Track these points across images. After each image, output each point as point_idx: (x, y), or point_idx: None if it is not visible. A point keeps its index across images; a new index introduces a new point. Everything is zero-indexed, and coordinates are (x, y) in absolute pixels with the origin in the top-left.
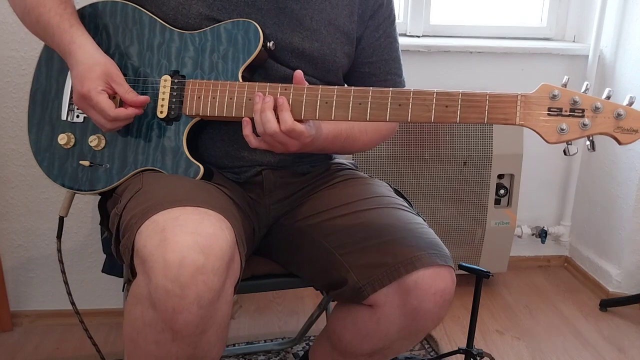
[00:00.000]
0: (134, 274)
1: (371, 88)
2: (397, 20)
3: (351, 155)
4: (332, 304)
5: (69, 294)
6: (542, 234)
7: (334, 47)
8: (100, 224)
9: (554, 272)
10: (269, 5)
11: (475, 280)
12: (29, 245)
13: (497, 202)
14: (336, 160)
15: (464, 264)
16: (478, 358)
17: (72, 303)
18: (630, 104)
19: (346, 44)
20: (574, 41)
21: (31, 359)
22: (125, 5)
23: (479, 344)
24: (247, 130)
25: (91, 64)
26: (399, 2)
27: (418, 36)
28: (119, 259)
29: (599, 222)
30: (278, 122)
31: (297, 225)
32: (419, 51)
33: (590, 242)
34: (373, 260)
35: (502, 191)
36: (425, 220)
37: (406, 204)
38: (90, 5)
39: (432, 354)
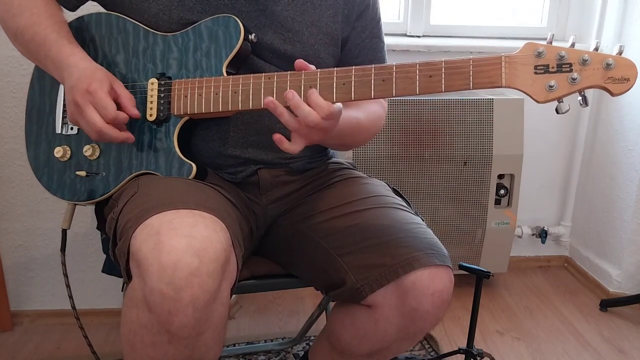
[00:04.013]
0: (129, 277)
1: (353, 67)
2: (397, 21)
3: (350, 155)
4: (332, 304)
5: (71, 297)
6: (543, 235)
7: (317, 48)
8: (97, 228)
9: (554, 272)
10: (249, 8)
11: (475, 281)
12: (29, 245)
13: (498, 202)
14: (334, 160)
15: (464, 264)
16: (478, 358)
17: (73, 307)
18: (620, 53)
19: (330, 45)
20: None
21: (31, 358)
22: (109, 16)
23: (479, 344)
24: (285, 145)
25: (95, 68)
26: (399, 2)
27: (418, 36)
28: (116, 262)
29: (599, 223)
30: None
31: (295, 225)
32: (419, 51)
33: (590, 242)
34: (371, 261)
35: (502, 191)
36: (424, 220)
37: (404, 204)
38: (77, 19)
39: (432, 354)
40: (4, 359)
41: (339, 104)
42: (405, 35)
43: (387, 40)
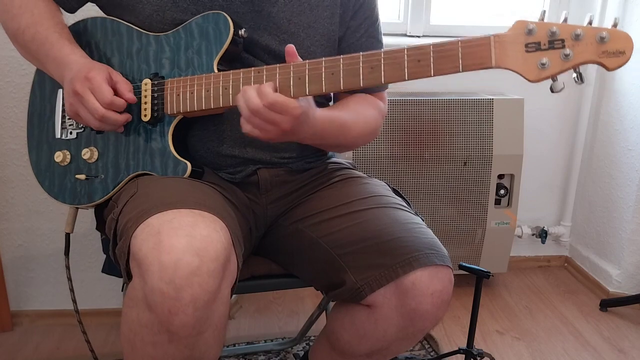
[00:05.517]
0: (130, 277)
1: (341, 56)
2: (397, 21)
3: (350, 155)
4: (332, 304)
5: (74, 301)
6: (542, 234)
7: (313, 49)
8: (97, 229)
9: (554, 272)
10: (245, 9)
11: (475, 281)
12: (29, 245)
13: (498, 202)
14: (334, 160)
15: (464, 264)
16: (478, 358)
17: (77, 311)
18: (615, 25)
19: (327, 47)
20: None
21: (31, 359)
22: (104, 20)
23: (479, 344)
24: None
25: (93, 61)
26: (399, 2)
27: (418, 36)
28: (116, 263)
29: (599, 222)
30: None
31: (295, 225)
32: None
33: (590, 242)
34: (371, 261)
35: (502, 191)
36: (423, 220)
37: (404, 204)
38: (73, 24)
39: (432, 354)
40: (4, 359)
41: (306, 103)
42: (405, 35)
43: (387, 40)
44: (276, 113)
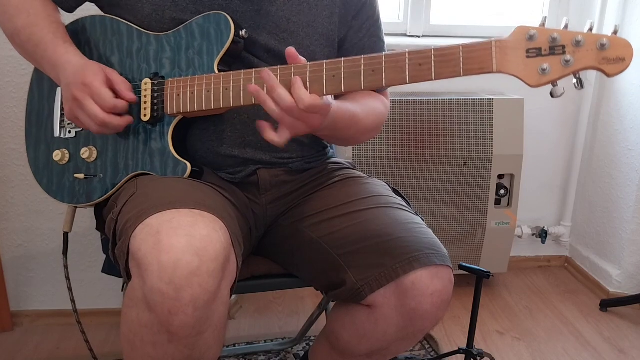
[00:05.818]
0: (129, 277)
1: (343, 59)
2: (397, 21)
3: (350, 155)
4: (332, 304)
5: (73, 301)
6: (543, 234)
7: (313, 49)
8: (97, 229)
9: (554, 272)
10: (244, 8)
11: (475, 281)
12: (29, 245)
13: (498, 202)
14: (333, 160)
15: (464, 264)
16: (478, 358)
17: (75, 311)
18: (615, 32)
19: (326, 46)
20: None
21: (31, 358)
22: (104, 18)
23: (479, 344)
24: (268, 135)
25: (87, 62)
26: (399, 2)
27: (418, 36)
28: (116, 262)
29: (599, 223)
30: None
31: (295, 225)
32: None
33: (590, 242)
34: (371, 261)
35: (502, 191)
36: (423, 220)
37: (404, 204)
38: (72, 22)
39: (432, 354)
40: (4, 359)
41: (328, 98)
42: (405, 35)
43: (387, 40)
44: (310, 113)
